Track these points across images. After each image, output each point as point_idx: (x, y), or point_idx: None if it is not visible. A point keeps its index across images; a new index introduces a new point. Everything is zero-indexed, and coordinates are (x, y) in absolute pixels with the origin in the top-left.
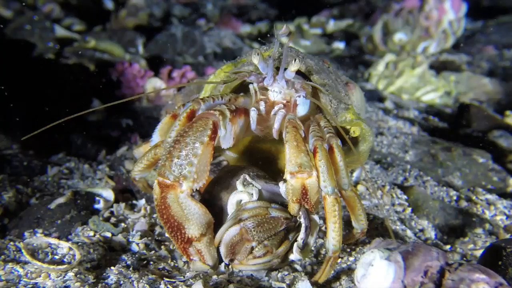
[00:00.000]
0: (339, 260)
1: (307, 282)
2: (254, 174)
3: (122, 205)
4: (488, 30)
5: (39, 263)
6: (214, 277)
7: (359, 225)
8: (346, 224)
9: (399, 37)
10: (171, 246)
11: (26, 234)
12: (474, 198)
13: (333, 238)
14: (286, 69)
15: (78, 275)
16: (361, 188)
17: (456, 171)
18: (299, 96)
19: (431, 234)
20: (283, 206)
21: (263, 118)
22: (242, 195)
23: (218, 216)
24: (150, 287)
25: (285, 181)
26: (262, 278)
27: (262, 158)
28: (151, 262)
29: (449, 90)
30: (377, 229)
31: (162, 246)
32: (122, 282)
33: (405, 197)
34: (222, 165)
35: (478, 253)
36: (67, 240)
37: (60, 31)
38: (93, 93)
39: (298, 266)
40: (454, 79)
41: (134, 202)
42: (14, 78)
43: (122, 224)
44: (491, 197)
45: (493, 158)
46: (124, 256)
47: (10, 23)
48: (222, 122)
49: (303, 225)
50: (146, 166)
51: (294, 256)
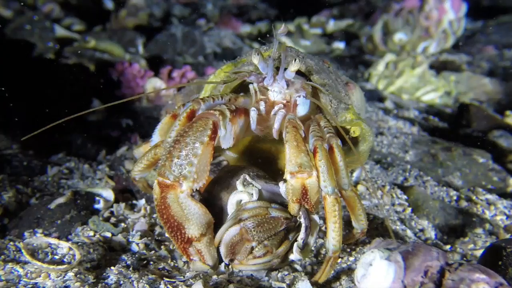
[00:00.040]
0: (339, 260)
1: (307, 282)
2: (254, 174)
3: (122, 205)
4: (488, 30)
5: (39, 263)
6: (214, 277)
7: (359, 225)
8: (346, 224)
9: (399, 37)
10: (171, 246)
11: (26, 234)
12: (474, 198)
13: (333, 238)
14: (286, 69)
15: (78, 275)
16: (361, 188)
17: (456, 171)
18: (299, 96)
19: (431, 234)
20: (283, 206)
21: (263, 118)
22: (242, 195)
23: (218, 216)
24: (150, 287)
25: (285, 181)
26: (262, 278)
27: (262, 158)
28: (151, 262)
29: (449, 90)
30: (377, 229)
31: (162, 246)
32: (122, 282)
33: (405, 197)
34: (222, 165)
35: (478, 253)
36: (67, 240)
37: (60, 31)
38: (93, 93)
39: (298, 266)
40: (454, 79)
41: (134, 202)
42: (14, 78)
43: (122, 224)
44: (491, 197)
45: (493, 158)
46: (124, 256)
47: (10, 23)
48: (222, 122)
49: (303, 225)
50: (146, 166)
51: (294, 256)
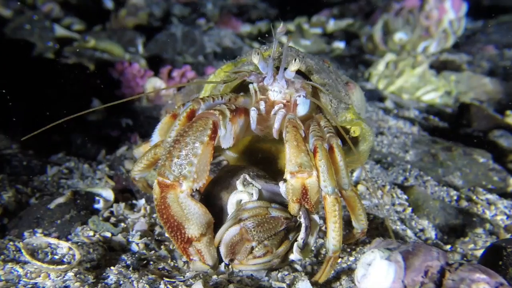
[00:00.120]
0: (339, 260)
1: (307, 282)
2: (254, 174)
3: (122, 205)
4: (488, 30)
5: (39, 263)
6: (214, 277)
7: (359, 225)
8: (346, 224)
9: (399, 36)
10: (171, 246)
11: (26, 234)
12: (474, 198)
13: (333, 238)
14: (286, 68)
15: (77, 275)
16: (361, 188)
17: (456, 171)
18: (299, 95)
19: (432, 234)
20: (283, 206)
21: (263, 118)
22: (242, 195)
23: (218, 216)
24: (150, 287)
25: (285, 181)
26: (262, 278)
27: (262, 158)
28: (151, 262)
29: (449, 90)
30: (377, 229)
31: (162, 246)
32: (122, 282)
33: (405, 197)
34: (222, 165)
35: (479, 253)
36: (67, 240)
37: (59, 31)
38: (93, 93)
39: (298, 266)
40: (454, 79)
41: (134, 202)
42: (13, 78)
43: (122, 224)
44: (492, 197)
45: (493, 158)
46: (124, 256)
47: (10, 23)
48: (222, 121)
49: (303, 225)
50: (146, 166)
51: (294, 256)
